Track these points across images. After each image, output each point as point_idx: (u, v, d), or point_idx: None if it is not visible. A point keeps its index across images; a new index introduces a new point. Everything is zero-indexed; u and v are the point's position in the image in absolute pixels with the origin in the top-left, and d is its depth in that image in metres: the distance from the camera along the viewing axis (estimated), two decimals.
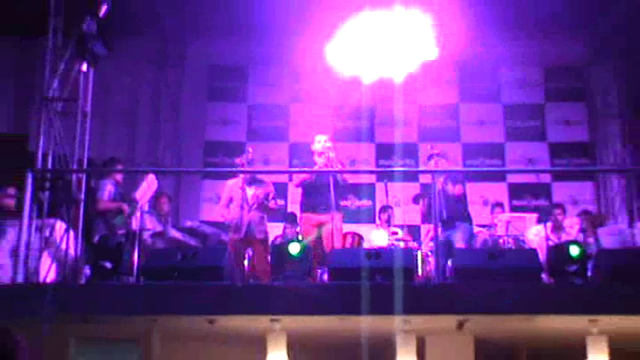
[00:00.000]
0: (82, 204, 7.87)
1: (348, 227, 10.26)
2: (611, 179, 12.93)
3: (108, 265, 7.32)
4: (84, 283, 7.53)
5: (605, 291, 6.72)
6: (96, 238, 8.30)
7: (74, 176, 7.86)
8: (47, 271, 7.32)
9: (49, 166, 7.65)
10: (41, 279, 7.19)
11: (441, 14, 11.02)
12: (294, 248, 7.33)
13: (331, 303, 6.67)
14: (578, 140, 13.50)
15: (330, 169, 9.14)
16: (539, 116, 13.62)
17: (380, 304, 6.41)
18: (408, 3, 10.97)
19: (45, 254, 7.43)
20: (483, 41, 12.57)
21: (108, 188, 8.94)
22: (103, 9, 8.21)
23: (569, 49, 13.50)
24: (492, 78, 13.81)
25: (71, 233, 7.55)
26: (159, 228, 9.48)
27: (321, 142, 9.39)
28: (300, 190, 9.60)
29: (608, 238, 8.94)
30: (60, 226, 7.62)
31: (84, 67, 8.12)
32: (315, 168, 9.36)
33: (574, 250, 7.21)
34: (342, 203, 9.55)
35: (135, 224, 8.78)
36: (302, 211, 9.38)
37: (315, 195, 9.01)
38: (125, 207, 8.91)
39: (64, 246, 7.45)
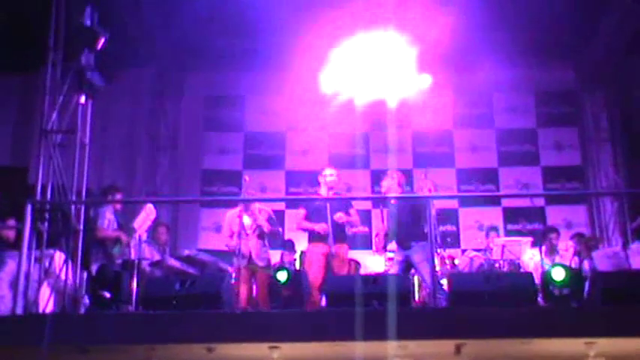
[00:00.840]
0: (80, 234, 7.92)
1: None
2: (604, 202, 13.03)
3: (107, 294, 7.37)
4: (83, 312, 7.56)
5: (600, 314, 6.78)
6: (94, 267, 8.37)
7: (73, 207, 7.92)
8: (47, 302, 7.36)
9: (49, 197, 7.71)
10: (40, 309, 7.22)
11: (433, 41, 11.16)
12: (281, 276, 7.42)
13: (329, 329, 6.71)
14: (571, 164, 13.62)
15: (329, 196, 9.19)
16: (532, 141, 13.74)
17: (377, 330, 6.45)
18: (399, 30, 11.13)
19: (44, 285, 7.46)
20: (477, 67, 12.71)
21: (107, 217, 8.98)
22: (101, 42, 8.31)
23: (560, 75, 13.67)
24: (486, 104, 13.95)
25: (70, 263, 7.58)
26: (157, 257, 9.52)
27: (332, 175, 9.37)
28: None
29: (602, 260, 8.99)
30: (59, 256, 7.66)
31: (82, 99, 8.20)
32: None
33: (558, 274, 7.26)
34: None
35: (133, 253, 8.83)
36: (310, 241, 9.34)
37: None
38: (123, 236, 8.94)
39: (63, 276, 7.48)
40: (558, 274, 7.26)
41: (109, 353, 7.03)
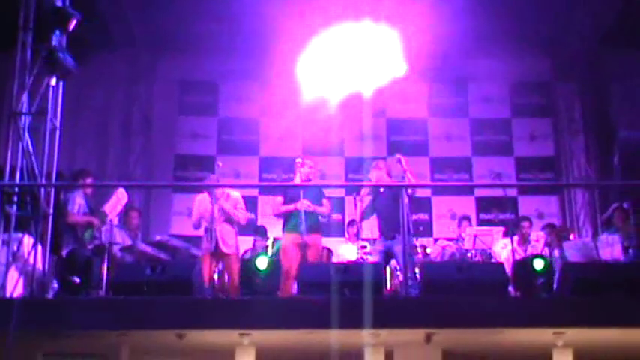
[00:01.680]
0: (50, 218, 7.84)
1: None
2: (575, 193, 13.15)
3: (76, 279, 7.30)
4: (52, 297, 7.49)
5: (569, 304, 6.82)
6: (65, 252, 8.28)
7: (43, 190, 7.83)
8: (14, 286, 7.28)
9: (18, 180, 7.61)
10: (8, 294, 7.14)
11: (409, 30, 11.15)
12: (261, 263, 7.36)
13: (300, 317, 6.69)
14: (544, 155, 13.72)
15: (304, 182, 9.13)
16: (506, 131, 13.81)
17: (348, 318, 6.44)
18: (376, 18, 11.10)
19: (12, 269, 7.38)
20: (451, 57, 12.73)
21: (78, 202, 8.86)
22: (73, 23, 8.19)
23: (535, 66, 13.73)
24: (461, 93, 13.99)
25: (39, 247, 7.51)
26: (128, 242, 9.45)
27: (309, 166, 9.30)
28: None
29: (572, 251, 9.05)
30: (28, 240, 7.58)
31: (53, 81, 8.10)
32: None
33: (538, 264, 7.32)
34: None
35: (104, 238, 8.75)
36: (284, 230, 9.25)
37: (297, 217, 8.93)
38: (95, 221, 8.85)
39: (32, 260, 7.40)
40: (540, 264, 7.33)
41: (78, 339, 6.97)
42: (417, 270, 8.39)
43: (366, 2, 11.01)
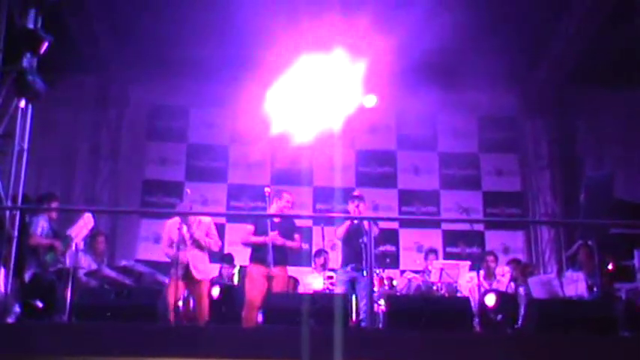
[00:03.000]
0: (14, 240, 7.74)
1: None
2: (541, 229, 13.28)
3: (39, 303, 7.21)
4: (13, 321, 7.38)
5: (535, 340, 6.85)
6: (27, 275, 8.18)
7: (8, 213, 7.74)
8: None
9: None
10: None
11: (378, 62, 11.25)
12: (215, 291, 7.35)
13: (264, 346, 6.65)
14: (511, 190, 13.84)
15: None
16: (474, 165, 13.92)
17: (314, 348, 6.42)
18: (347, 50, 11.19)
19: None
20: (421, 89, 12.82)
21: (41, 224, 8.79)
22: (44, 46, 8.16)
23: (503, 101, 13.89)
24: (429, 126, 14.09)
25: (1, 270, 7.40)
26: (94, 266, 9.36)
27: (289, 201, 9.30)
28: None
29: (537, 287, 9.10)
30: None
31: (22, 103, 8.04)
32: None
33: (489, 300, 7.36)
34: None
35: (69, 262, 8.66)
36: (251, 261, 9.19)
37: (264, 249, 8.90)
38: (57, 244, 8.76)
39: None
40: (491, 300, 7.36)
41: None
42: (382, 302, 8.41)
43: (336, 35, 11.07)
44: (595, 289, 8.91)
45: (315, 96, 11.60)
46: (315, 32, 10.94)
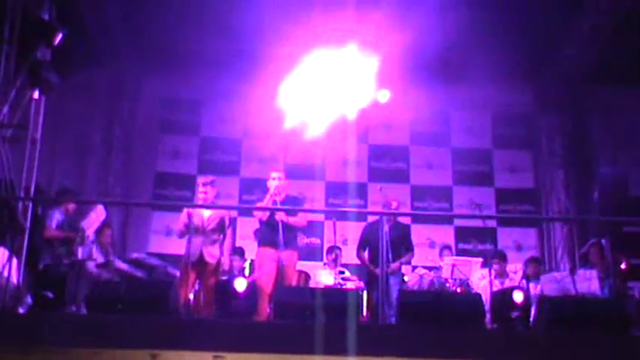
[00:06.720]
0: (26, 232, 7.76)
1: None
2: (554, 227, 13.19)
3: (50, 294, 7.22)
4: (24, 312, 7.40)
5: (545, 338, 6.82)
6: (40, 267, 8.19)
7: (20, 203, 7.76)
8: None
9: None
10: None
11: (392, 57, 11.21)
12: (240, 285, 7.29)
13: (275, 341, 6.64)
14: (524, 187, 13.78)
15: (279, 207, 9.04)
16: (487, 162, 13.87)
17: (324, 343, 6.40)
18: (362, 45, 11.16)
19: None
20: (436, 85, 12.77)
21: (56, 217, 8.81)
22: (58, 37, 8.17)
23: (518, 98, 13.80)
24: (443, 122, 14.05)
25: (14, 261, 7.42)
26: (100, 259, 9.36)
27: (279, 179, 9.18)
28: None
29: (549, 285, 9.04)
30: (3, 253, 7.49)
31: (36, 94, 8.05)
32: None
33: (517, 297, 7.33)
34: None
35: (80, 254, 8.67)
36: (260, 244, 9.07)
37: (273, 231, 8.80)
38: (73, 236, 8.76)
39: (5, 273, 7.31)
40: (519, 297, 7.34)
41: (50, 355, 6.86)
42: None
43: (351, 30, 11.04)
44: (607, 287, 8.86)
45: (328, 91, 11.57)
46: (328, 27, 10.92)
